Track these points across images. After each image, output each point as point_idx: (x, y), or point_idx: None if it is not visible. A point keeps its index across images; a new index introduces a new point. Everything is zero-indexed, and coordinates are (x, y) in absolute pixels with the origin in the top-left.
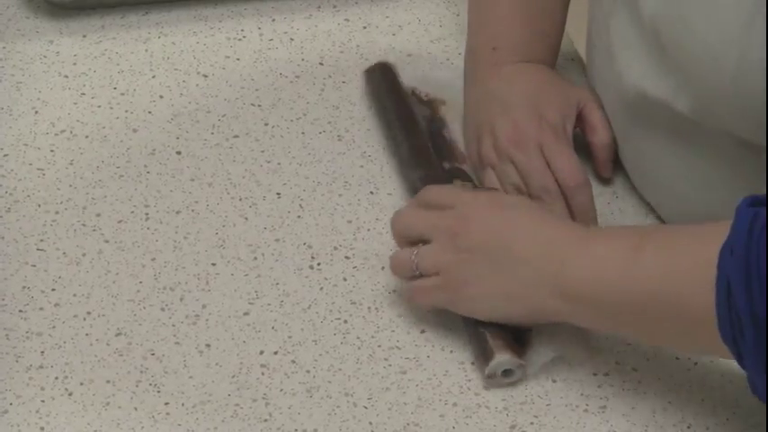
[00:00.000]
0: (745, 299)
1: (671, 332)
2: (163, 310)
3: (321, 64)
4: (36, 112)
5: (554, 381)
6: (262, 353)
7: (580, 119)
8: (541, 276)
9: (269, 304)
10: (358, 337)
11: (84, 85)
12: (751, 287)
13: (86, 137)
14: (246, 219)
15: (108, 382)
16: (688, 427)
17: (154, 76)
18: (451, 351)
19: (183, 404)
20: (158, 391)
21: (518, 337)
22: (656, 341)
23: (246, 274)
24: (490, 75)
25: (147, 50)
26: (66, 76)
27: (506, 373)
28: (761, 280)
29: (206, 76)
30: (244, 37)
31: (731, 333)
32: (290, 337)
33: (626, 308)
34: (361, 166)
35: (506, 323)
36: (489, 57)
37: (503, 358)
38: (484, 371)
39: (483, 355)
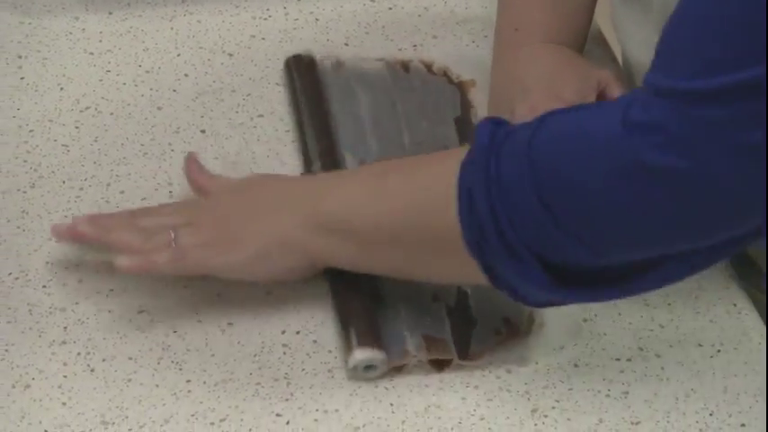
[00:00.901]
0: (487, 205)
1: (425, 258)
2: (186, 287)
3: (346, 44)
4: (61, 89)
5: (576, 365)
6: (284, 332)
7: (601, 98)
8: (301, 216)
9: (291, 284)
10: None
11: (110, 62)
12: (490, 192)
13: (111, 114)
14: None
15: (130, 358)
16: (710, 415)
17: (179, 54)
18: None
19: (204, 382)
20: (180, 369)
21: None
22: (415, 272)
23: None
24: (510, 57)
25: (172, 28)
26: (92, 53)
27: (368, 368)
28: (500, 183)
29: (231, 55)
30: (269, 16)
31: (477, 242)
32: (312, 316)
33: (378, 235)
34: None
35: (286, 278)
36: (511, 37)
37: (363, 355)
38: (347, 364)
39: (346, 349)
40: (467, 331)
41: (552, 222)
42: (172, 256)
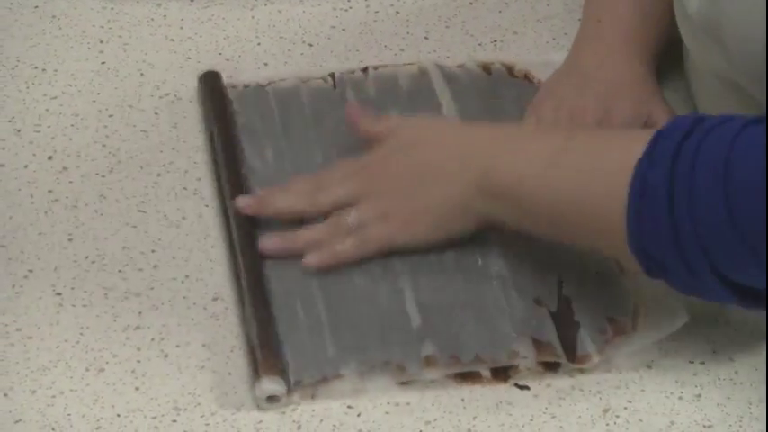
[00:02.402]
0: (668, 208)
1: (588, 235)
2: None
3: (426, 38)
4: (141, 75)
5: (649, 366)
6: None
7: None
8: (471, 182)
9: None
10: None
11: (190, 50)
12: (674, 200)
13: (190, 101)
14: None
15: (204, 345)
16: None
17: (259, 44)
18: None
19: None
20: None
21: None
22: (574, 241)
23: None
24: (587, 48)
25: (253, 17)
26: (173, 40)
27: (271, 399)
28: (691, 194)
29: (311, 46)
30: (350, 8)
31: (643, 249)
32: None
33: (544, 208)
34: None
35: (454, 238)
36: (593, 28)
37: (267, 386)
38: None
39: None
40: (572, 334)
41: (739, 240)
42: (356, 240)
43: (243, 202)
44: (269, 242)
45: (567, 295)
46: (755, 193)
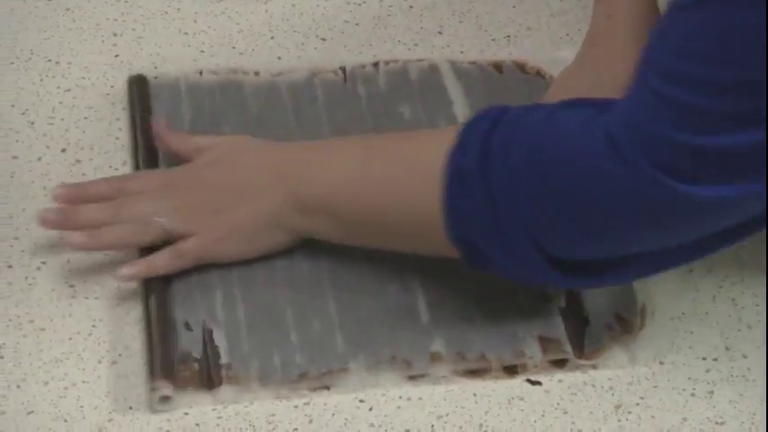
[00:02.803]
0: (483, 189)
1: (407, 237)
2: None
3: (440, 33)
4: (155, 67)
5: (662, 363)
6: None
7: None
8: (281, 198)
9: None
10: None
11: (204, 43)
12: (490, 174)
13: None
14: None
15: None
16: None
17: (272, 38)
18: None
19: None
20: None
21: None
22: (395, 247)
23: None
24: (598, 44)
25: (266, 11)
26: (186, 33)
27: (163, 400)
28: (508, 169)
29: (324, 40)
30: (363, 2)
31: (459, 230)
32: None
33: (361, 217)
34: None
35: (272, 252)
36: (604, 24)
37: (160, 388)
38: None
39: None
40: (580, 330)
41: (557, 211)
42: (170, 255)
43: (43, 215)
44: (71, 237)
45: (576, 292)
46: (567, 165)
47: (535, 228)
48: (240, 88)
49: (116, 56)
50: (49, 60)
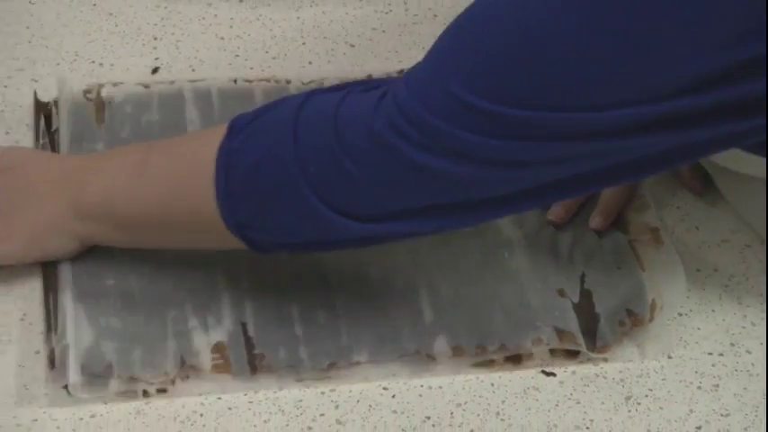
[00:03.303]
0: (252, 163)
1: (189, 233)
2: None
3: None
4: (193, 70)
5: (670, 357)
6: None
7: None
8: (64, 204)
9: None
10: None
11: (239, 48)
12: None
13: None
14: None
15: None
16: None
17: (304, 43)
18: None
19: None
20: None
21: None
22: (180, 245)
23: None
24: None
25: (298, 18)
26: (223, 38)
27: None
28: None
29: (353, 46)
30: (390, 11)
31: (236, 214)
32: None
33: (142, 220)
34: None
35: (60, 257)
36: None
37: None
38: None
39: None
40: (592, 325)
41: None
42: None
43: None
44: None
45: (588, 288)
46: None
47: (321, 185)
48: (252, 95)
49: (156, 59)
50: (93, 62)
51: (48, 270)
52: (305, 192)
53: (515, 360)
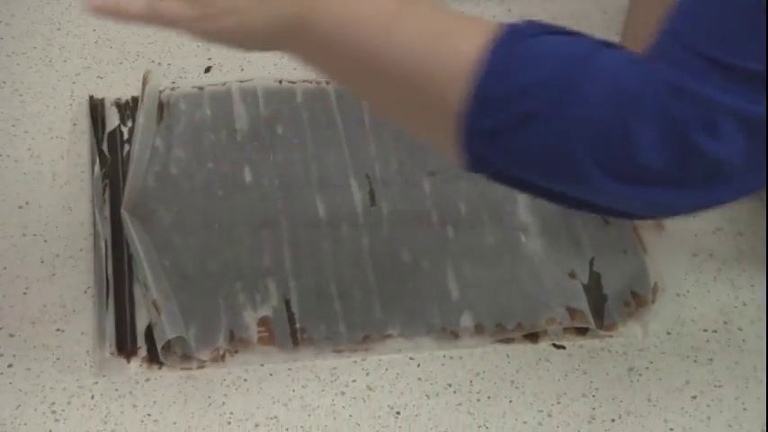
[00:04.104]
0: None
1: (411, 108)
2: None
3: None
4: (242, 70)
5: (668, 333)
6: None
7: None
8: (286, 16)
9: None
10: None
11: None
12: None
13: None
14: None
15: None
16: None
17: None
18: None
19: None
20: None
21: None
22: (392, 112)
23: None
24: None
25: None
26: None
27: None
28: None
29: None
30: None
31: (476, 121)
32: None
33: (363, 74)
34: None
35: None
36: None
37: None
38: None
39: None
40: (600, 305)
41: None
42: (198, 14)
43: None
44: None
45: (597, 271)
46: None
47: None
48: (294, 95)
49: (209, 59)
50: (152, 62)
51: (107, 251)
52: (575, 147)
53: (532, 338)
